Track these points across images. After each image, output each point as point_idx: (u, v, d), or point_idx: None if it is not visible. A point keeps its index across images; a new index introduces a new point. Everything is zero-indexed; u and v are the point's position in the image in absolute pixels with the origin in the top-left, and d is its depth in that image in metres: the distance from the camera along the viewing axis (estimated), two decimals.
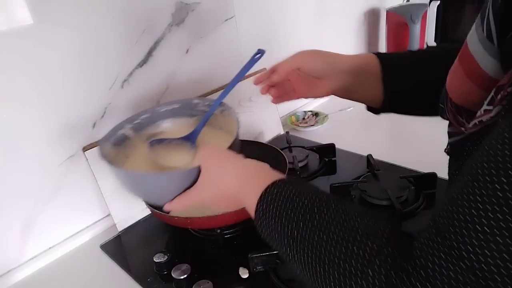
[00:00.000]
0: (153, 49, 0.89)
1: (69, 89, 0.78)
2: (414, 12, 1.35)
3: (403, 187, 0.83)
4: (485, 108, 0.35)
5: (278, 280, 0.66)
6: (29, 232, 0.78)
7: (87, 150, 0.81)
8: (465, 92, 0.41)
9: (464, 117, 0.41)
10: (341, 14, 1.40)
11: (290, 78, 0.67)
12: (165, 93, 0.94)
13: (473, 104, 0.39)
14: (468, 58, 0.39)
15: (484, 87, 0.38)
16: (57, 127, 0.78)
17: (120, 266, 0.76)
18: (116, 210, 0.85)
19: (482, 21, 0.37)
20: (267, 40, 1.16)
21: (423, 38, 1.42)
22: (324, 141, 1.04)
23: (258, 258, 0.68)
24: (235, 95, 1.06)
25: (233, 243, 0.78)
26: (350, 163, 0.99)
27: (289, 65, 0.66)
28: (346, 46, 1.48)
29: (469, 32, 0.40)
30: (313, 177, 0.96)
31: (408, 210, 0.78)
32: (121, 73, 0.85)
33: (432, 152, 0.71)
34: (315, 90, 0.66)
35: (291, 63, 0.66)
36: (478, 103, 0.37)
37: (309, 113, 1.28)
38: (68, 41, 0.75)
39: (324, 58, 0.65)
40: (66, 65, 0.76)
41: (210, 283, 0.67)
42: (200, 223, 0.76)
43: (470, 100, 0.40)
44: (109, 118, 0.84)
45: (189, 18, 0.94)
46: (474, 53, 0.38)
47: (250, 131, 1.11)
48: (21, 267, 0.77)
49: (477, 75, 0.38)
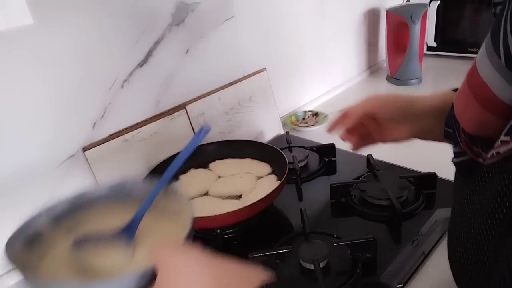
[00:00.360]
0: (153, 49, 0.89)
1: (69, 89, 0.78)
2: (414, 12, 1.34)
3: (403, 187, 0.83)
4: (503, 139, 0.34)
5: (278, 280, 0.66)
6: None
7: (87, 150, 0.81)
8: (479, 121, 0.38)
9: (479, 146, 0.38)
10: (341, 14, 1.40)
11: (364, 123, 0.64)
12: (165, 93, 0.94)
13: (490, 132, 0.37)
14: (480, 85, 0.36)
15: (502, 115, 0.35)
16: (57, 127, 0.78)
17: None
18: None
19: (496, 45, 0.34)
20: (267, 40, 1.16)
21: (423, 38, 1.42)
22: (324, 141, 1.04)
23: (258, 258, 0.68)
24: (235, 95, 1.06)
25: (233, 243, 0.78)
26: (350, 163, 0.99)
27: (362, 110, 0.63)
28: (346, 46, 1.48)
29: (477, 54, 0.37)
30: (313, 177, 0.96)
31: (408, 210, 0.78)
32: (121, 73, 0.85)
33: (432, 152, 0.71)
34: (393, 135, 0.63)
35: (364, 108, 0.63)
36: (496, 131, 0.35)
37: (309, 113, 1.28)
38: (68, 41, 0.75)
39: (399, 104, 0.61)
40: (66, 65, 0.76)
41: None
42: (200, 223, 0.76)
43: (485, 129, 0.37)
44: (109, 118, 0.84)
45: (189, 18, 0.94)
46: (489, 82, 0.35)
47: (250, 131, 1.11)
48: None
49: (493, 104, 0.35)
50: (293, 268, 0.68)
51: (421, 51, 1.42)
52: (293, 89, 1.30)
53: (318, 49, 1.35)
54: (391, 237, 0.75)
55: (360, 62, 1.58)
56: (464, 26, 1.55)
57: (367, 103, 0.63)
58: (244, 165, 0.93)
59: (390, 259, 0.68)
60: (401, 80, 1.46)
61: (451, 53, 1.59)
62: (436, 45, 1.59)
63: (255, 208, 0.73)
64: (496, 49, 0.34)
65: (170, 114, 0.93)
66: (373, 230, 0.76)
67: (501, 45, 0.33)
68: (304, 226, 0.75)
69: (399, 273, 0.65)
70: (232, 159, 0.95)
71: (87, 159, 0.81)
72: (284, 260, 0.69)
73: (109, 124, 0.85)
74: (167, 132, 0.93)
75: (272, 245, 0.72)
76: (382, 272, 0.66)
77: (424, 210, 0.79)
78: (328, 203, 0.85)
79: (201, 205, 0.82)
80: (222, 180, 0.89)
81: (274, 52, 1.20)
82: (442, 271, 0.52)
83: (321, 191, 0.89)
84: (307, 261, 0.66)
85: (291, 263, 0.69)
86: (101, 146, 0.83)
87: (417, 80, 1.45)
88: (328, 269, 0.67)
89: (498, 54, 0.34)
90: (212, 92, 1.02)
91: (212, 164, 0.95)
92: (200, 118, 0.99)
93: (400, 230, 0.76)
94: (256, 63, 1.13)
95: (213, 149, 0.97)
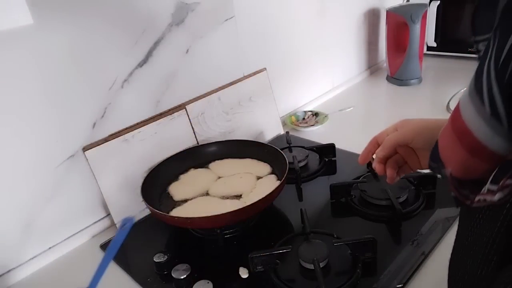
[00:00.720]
0: (153, 49, 0.89)
1: (69, 89, 0.78)
2: (414, 12, 1.35)
3: (403, 187, 0.83)
4: (489, 187, 0.32)
5: (278, 280, 0.66)
6: (29, 232, 0.78)
7: (87, 150, 0.81)
8: (466, 165, 0.36)
9: (468, 188, 0.37)
10: (341, 14, 1.40)
11: (399, 151, 0.60)
12: (165, 93, 0.94)
13: (478, 175, 0.35)
14: (464, 131, 0.34)
15: (490, 161, 0.33)
16: (57, 127, 0.78)
17: (120, 266, 0.76)
18: (116, 210, 0.85)
19: (478, 89, 0.31)
20: (267, 40, 1.16)
21: (423, 38, 1.42)
22: (324, 141, 1.04)
23: (258, 258, 0.68)
24: (235, 95, 1.06)
25: (233, 243, 0.78)
26: (350, 163, 0.99)
27: (396, 141, 0.58)
28: (346, 46, 1.48)
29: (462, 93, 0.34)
30: (313, 177, 0.96)
31: (408, 210, 0.78)
32: (121, 73, 0.85)
33: None
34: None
35: (398, 139, 0.58)
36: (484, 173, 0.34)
37: (309, 113, 1.28)
38: (68, 41, 0.75)
39: (434, 130, 0.55)
40: (66, 65, 0.76)
41: (210, 283, 0.67)
42: (200, 223, 0.76)
43: (473, 173, 0.36)
44: (109, 118, 0.84)
45: (189, 18, 0.94)
46: (473, 129, 0.33)
47: (250, 131, 1.11)
48: (21, 267, 0.77)
49: (479, 151, 0.33)
50: (293, 268, 0.68)
51: (421, 51, 1.42)
52: (293, 89, 1.30)
53: (318, 49, 1.35)
54: (391, 237, 0.75)
55: (360, 62, 1.58)
56: (464, 26, 1.55)
57: (401, 134, 0.58)
58: (244, 165, 0.93)
59: (390, 259, 0.68)
60: (401, 80, 1.46)
61: (451, 53, 1.59)
62: (436, 45, 1.59)
63: (255, 208, 0.73)
64: (478, 93, 0.31)
65: (170, 114, 0.93)
66: (373, 230, 0.76)
67: (485, 91, 0.31)
68: (304, 226, 0.75)
69: (399, 273, 0.65)
70: (232, 159, 0.95)
71: (87, 159, 0.81)
72: (284, 260, 0.69)
73: (109, 124, 0.85)
74: (167, 132, 0.93)
75: (272, 245, 0.72)
76: (382, 272, 0.66)
77: (424, 210, 0.79)
78: (328, 203, 0.85)
79: (201, 205, 0.82)
80: (222, 180, 0.89)
81: (274, 52, 1.20)
82: (442, 271, 0.52)
83: (321, 191, 0.89)
84: (307, 261, 0.66)
85: (291, 263, 0.69)
86: (101, 146, 0.83)
87: (417, 80, 1.45)
88: (328, 269, 0.67)
89: (481, 100, 0.31)
90: (212, 92, 1.02)
91: (212, 164, 0.95)
92: (200, 118, 0.99)
93: (400, 230, 0.76)
94: (256, 63, 1.13)
95: (213, 149, 0.97)
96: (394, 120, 0.63)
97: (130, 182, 0.86)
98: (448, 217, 0.77)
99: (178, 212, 0.80)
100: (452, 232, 0.73)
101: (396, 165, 0.60)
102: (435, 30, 1.55)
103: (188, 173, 0.92)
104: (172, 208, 0.82)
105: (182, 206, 0.82)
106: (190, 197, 0.84)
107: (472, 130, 0.33)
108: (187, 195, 0.85)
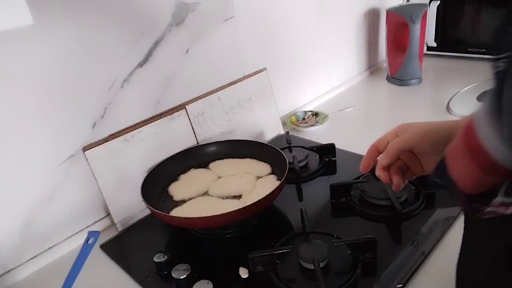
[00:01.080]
0: (153, 49, 0.89)
1: (69, 89, 0.78)
2: (414, 12, 1.34)
3: (403, 187, 0.83)
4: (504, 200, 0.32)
5: (278, 280, 0.66)
6: (29, 232, 0.78)
7: (87, 150, 0.81)
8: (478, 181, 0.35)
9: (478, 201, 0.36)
10: (341, 14, 1.40)
11: (401, 157, 0.59)
12: (165, 93, 0.94)
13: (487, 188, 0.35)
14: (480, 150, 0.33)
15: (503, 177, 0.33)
16: (57, 127, 0.78)
17: (120, 266, 0.76)
18: (116, 210, 0.85)
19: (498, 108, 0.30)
20: (267, 40, 1.16)
21: (423, 38, 1.42)
22: (324, 141, 1.04)
23: (258, 258, 0.68)
24: (235, 95, 1.06)
25: (233, 243, 0.78)
26: (350, 163, 0.99)
27: (401, 146, 0.56)
28: (346, 46, 1.48)
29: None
30: (313, 177, 0.96)
31: (408, 210, 0.78)
32: (121, 73, 0.85)
33: None
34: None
35: (403, 144, 0.56)
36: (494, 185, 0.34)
37: (309, 113, 1.28)
38: (68, 41, 0.75)
39: (438, 134, 0.55)
40: (66, 65, 0.76)
41: (210, 283, 0.67)
42: (200, 223, 0.76)
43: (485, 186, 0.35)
44: (109, 118, 0.84)
45: (189, 18, 0.94)
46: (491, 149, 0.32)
47: (250, 131, 1.11)
48: (21, 267, 0.77)
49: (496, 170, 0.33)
50: (293, 268, 0.68)
51: (421, 51, 1.42)
52: (293, 89, 1.30)
53: (318, 49, 1.35)
54: (391, 237, 0.75)
55: (360, 62, 1.58)
56: (464, 26, 1.55)
57: (405, 138, 0.56)
58: (244, 165, 0.93)
59: (390, 259, 0.68)
60: (401, 80, 1.46)
61: (451, 53, 1.59)
62: (436, 45, 1.58)
63: (255, 208, 0.73)
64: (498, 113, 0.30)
65: (170, 114, 0.93)
66: (373, 230, 0.76)
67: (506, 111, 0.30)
68: (304, 226, 0.75)
69: (399, 273, 0.65)
70: (232, 159, 0.95)
71: (87, 159, 0.81)
72: (284, 260, 0.69)
73: (109, 124, 0.85)
74: (167, 132, 0.93)
75: (272, 245, 0.72)
76: (382, 272, 0.66)
77: (424, 210, 0.79)
78: (328, 203, 0.85)
79: (201, 205, 0.82)
80: (222, 180, 0.89)
81: (274, 52, 1.20)
82: (442, 271, 0.52)
83: (321, 191, 0.89)
84: (307, 261, 0.66)
85: (291, 263, 0.69)
86: (101, 146, 0.83)
87: (417, 80, 1.45)
88: (328, 269, 0.67)
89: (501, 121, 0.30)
90: (212, 92, 1.02)
91: (212, 164, 0.95)
92: (200, 118, 0.99)
93: (400, 230, 0.76)
94: (256, 63, 1.13)
95: (213, 149, 0.97)
96: (394, 120, 0.63)
97: (130, 182, 0.86)
98: (448, 217, 0.77)
99: (178, 212, 0.80)
100: (452, 232, 0.73)
101: (400, 171, 0.59)
102: (435, 30, 1.55)
103: (188, 173, 0.92)
104: (172, 208, 0.82)
105: (182, 206, 0.82)
106: (190, 197, 0.84)
107: (490, 150, 0.32)
108: (187, 195, 0.85)
